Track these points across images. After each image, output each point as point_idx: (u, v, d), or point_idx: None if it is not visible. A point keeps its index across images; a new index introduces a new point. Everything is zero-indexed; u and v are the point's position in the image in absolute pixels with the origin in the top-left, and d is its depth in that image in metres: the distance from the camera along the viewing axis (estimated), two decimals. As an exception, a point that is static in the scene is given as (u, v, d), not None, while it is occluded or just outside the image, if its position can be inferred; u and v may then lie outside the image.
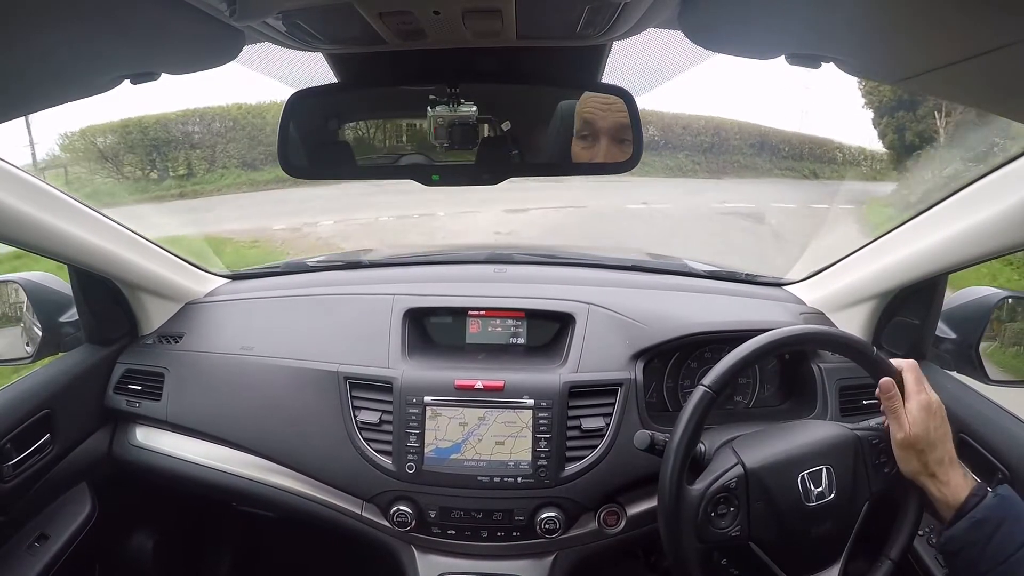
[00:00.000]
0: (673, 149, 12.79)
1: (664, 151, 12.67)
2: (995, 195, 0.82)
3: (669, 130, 12.88)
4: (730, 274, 1.35)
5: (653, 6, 0.54)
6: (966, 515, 0.71)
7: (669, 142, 12.83)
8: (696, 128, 13.33)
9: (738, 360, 0.81)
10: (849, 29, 0.49)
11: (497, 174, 0.82)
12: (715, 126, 13.50)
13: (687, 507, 0.78)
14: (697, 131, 13.30)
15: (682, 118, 13.13)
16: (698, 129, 13.35)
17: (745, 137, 13.81)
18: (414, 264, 1.42)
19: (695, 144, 13.15)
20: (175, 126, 11.02)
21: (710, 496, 0.78)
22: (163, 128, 10.80)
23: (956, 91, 0.56)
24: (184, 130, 11.08)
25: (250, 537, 1.55)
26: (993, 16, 0.38)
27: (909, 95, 9.74)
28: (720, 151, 13.22)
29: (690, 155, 13.00)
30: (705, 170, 12.90)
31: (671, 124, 12.96)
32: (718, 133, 13.46)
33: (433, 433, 1.00)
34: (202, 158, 10.88)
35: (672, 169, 12.47)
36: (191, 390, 1.14)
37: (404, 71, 0.78)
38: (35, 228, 0.89)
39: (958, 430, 0.94)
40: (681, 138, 13.02)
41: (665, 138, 12.81)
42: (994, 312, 1.02)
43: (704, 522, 0.78)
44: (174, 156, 10.84)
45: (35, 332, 1.11)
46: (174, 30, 0.50)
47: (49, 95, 0.59)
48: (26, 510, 1.03)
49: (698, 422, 0.80)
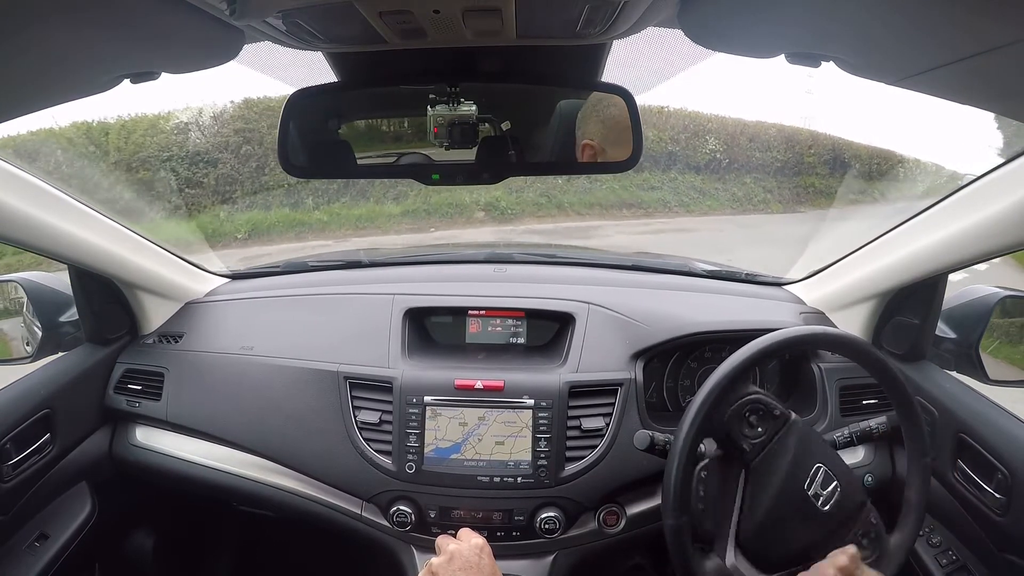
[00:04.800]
0: (739, 170, 9.73)
1: (728, 174, 9.70)
2: (995, 194, 0.82)
3: (734, 143, 9.85)
4: (730, 273, 1.35)
5: (653, 5, 0.54)
6: None
7: (734, 160, 9.73)
8: (765, 140, 10.24)
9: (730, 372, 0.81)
10: (849, 28, 0.49)
11: (497, 173, 0.82)
12: (786, 137, 10.51)
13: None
14: (767, 144, 10.23)
15: (747, 127, 10.15)
16: (767, 141, 10.26)
17: (820, 151, 10.76)
18: (414, 264, 1.41)
19: (764, 163, 10.08)
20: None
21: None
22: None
23: (956, 90, 0.56)
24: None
25: (250, 537, 1.55)
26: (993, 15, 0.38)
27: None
28: (792, 171, 10.35)
29: (759, 179, 9.94)
30: (778, 199, 9.92)
31: (735, 134, 9.92)
32: (791, 146, 10.49)
33: (433, 433, 1.00)
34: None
35: (740, 201, 9.53)
36: (191, 390, 1.13)
37: (404, 70, 0.78)
38: (35, 228, 0.89)
39: (958, 430, 0.94)
40: (748, 154, 9.94)
41: (730, 155, 9.73)
42: (994, 311, 1.02)
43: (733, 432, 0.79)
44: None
45: (35, 332, 1.11)
46: (174, 29, 0.50)
47: (49, 95, 0.59)
48: (26, 510, 1.03)
49: (691, 447, 0.79)
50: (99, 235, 1.02)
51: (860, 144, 11.15)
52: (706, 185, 9.50)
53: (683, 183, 9.42)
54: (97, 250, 1.02)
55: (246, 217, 6.91)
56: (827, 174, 10.52)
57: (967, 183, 0.87)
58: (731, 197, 9.55)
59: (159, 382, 1.14)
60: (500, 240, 6.69)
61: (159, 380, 1.15)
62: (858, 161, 10.89)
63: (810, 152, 10.49)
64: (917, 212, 0.98)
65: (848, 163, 10.83)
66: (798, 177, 10.24)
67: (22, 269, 1.19)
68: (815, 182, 10.33)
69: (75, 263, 1.03)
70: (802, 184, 10.26)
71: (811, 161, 10.45)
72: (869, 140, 11.18)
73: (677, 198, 9.17)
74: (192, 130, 7.51)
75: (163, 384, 1.14)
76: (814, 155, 10.54)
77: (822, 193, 10.34)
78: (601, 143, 0.80)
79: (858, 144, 11.13)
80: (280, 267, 1.40)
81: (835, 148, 10.82)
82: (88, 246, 1.00)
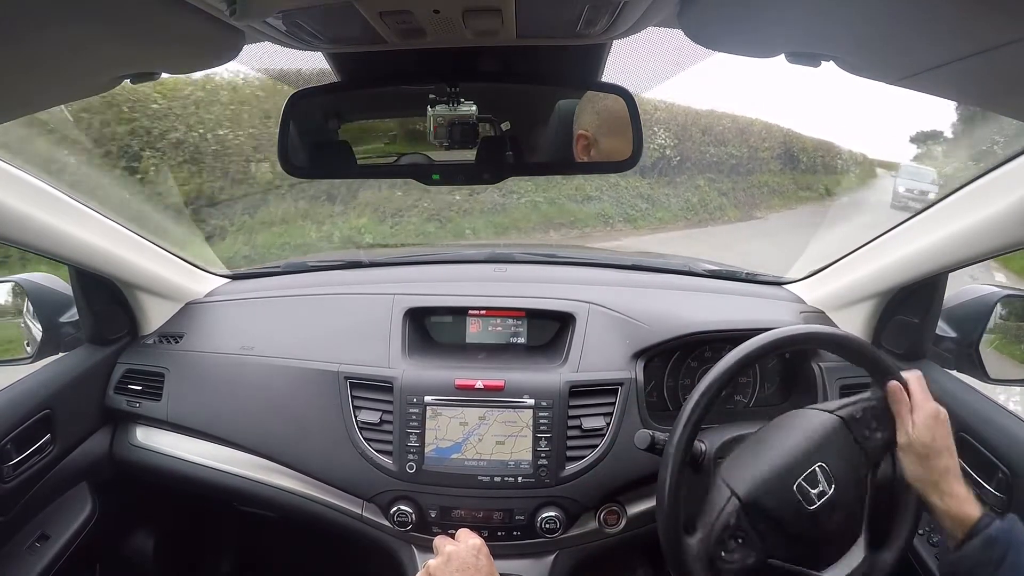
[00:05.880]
0: (691, 170, 8.51)
1: (680, 175, 8.36)
2: (994, 193, 0.82)
3: (686, 136, 8.57)
4: (730, 273, 1.35)
5: (653, 5, 0.54)
6: (979, 534, 0.70)
7: (687, 158, 8.51)
8: (719, 132, 9.06)
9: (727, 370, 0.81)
10: (849, 28, 0.49)
11: (497, 173, 0.82)
12: (740, 129, 9.46)
13: (693, 560, 0.77)
14: (721, 137, 9.07)
15: (700, 117, 8.91)
16: (721, 134, 9.09)
17: (773, 145, 9.89)
18: (414, 264, 1.41)
19: (719, 160, 8.89)
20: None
21: (715, 538, 0.77)
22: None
23: (956, 90, 0.56)
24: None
25: (250, 537, 1.55)
26: (993, 14, 0.38)
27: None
28: (747, 169, 9.23)
29: (713, 180, 8.65)
30: (734, 203, 8.76)
31: (686, 125, 8.65)
32: (745, 139, 9.44)
33: (433, 433, 1.00)
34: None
35: (695, 208, 8.17)
36: (191, 390, 1.14)
37: (404, 70, 0.78)
38: (35, 228, 0.89)
39: (958, 429, 0.94)
40: (701, 149, 8.76)
41: (681, 151, 8.47)
42: (994, 310, 1.02)
43: (716, 562, 0.76)
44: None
45: (35, 332, 1.11)
46: (174, 30, 0.50)
47: (49, 95, 0.59)
48: (26, 510, 1.03)
49: (686, 449, 0.79)
50: (99, 235, 1.02)
51: (807, 136, 10.69)
52: (655, 191, 7.89)
53: (627, 190, 7.63)
54: (97, 250, 1.02)
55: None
56: (779, 170, 9.91)
57: (967, 182, 0.87)
58: (684, 205, 8.15)
59: (159, 382, 1.14)
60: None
61: (159, 380, 1.15)
62: (805, 154, 10.47)
63: (764, 146, 9.82)
64: (917, 212, 0.99)
65: (797, 157, 10.28)
66: (752, 176, 9.44)
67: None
68: (768, 180, 9.72)
69: (75, 263, 1.03)
70: (756, 183, 9.51)
71: (765, 156, 9.76)
72: (813, 130, 10.81)
73: (620, 210, 7.41)
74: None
75: (163, 384, 1.14)
76: (768, 148, 9.86)
77: (776, 192, 9.70)
78: (595, 133, 0.80)
79: (806, 137, 10.66)
80: (280, 267, 1.40)
81: (786, 140, 10.26)
82: (88, 246, 1.00)
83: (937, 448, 0.75)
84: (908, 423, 0.77)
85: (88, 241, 1.00)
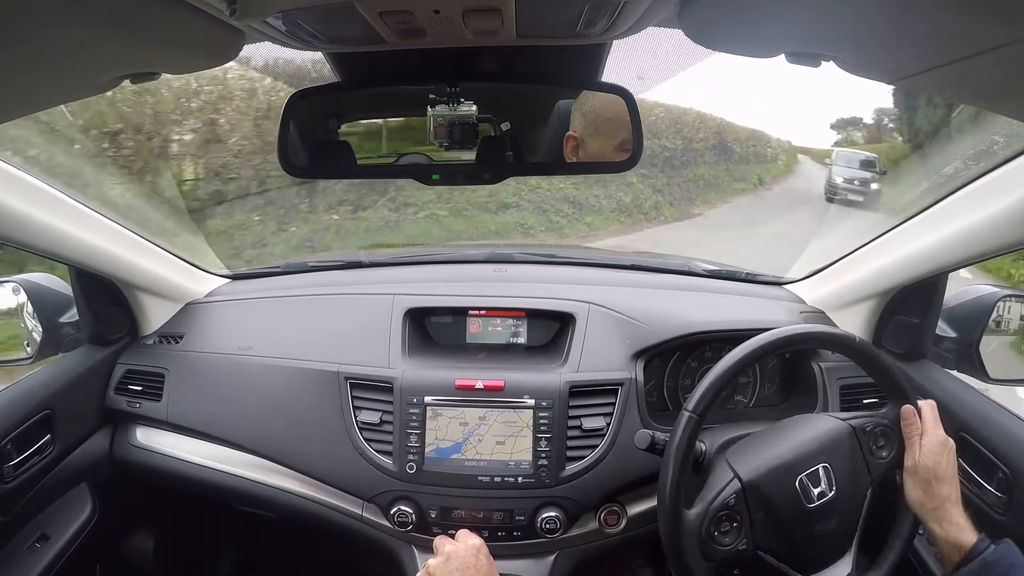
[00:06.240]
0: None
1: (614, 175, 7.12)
2: (994, 193, 0.82)
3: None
4: (730, 273, 1.35)
5: (653, 5, 0.54)
6: (975, 558, 0.72)
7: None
8: (651, 124, 8.41)
9: (730, 367, 0.81)
10: (849, 28, 0.49)
11: (497, 173, 0.82)
12: (674, 119, 8.92)
13: (689, 532, 0.77)
14: (654, 128, 8.49)
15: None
16: (655, 125, 8.50)
17: (708, 135, 9.46)
18: (414, 264, 1.41)
19: (653, 153, 8.15)
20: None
21: (711, 516, 0.77)
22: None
23: (957, 90, 0.56)
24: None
25: (250, 537, 1.55)
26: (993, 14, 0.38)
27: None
28: (681, 162, 8.61)
29: (646, 176, 7.77)
30: (669, 200, 8.02)
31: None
32: (679, 130, 8.91)
33: (434, 433, 1.00)
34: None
35: (628, 210, 7.32)
36: (191, 390, 1.13)
37: (404, 70, 0.78)
38: (35, 228, 0.89)
39: (958, 429, 0.94)
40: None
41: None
42: (994, 310, 1.02)
43: (708, 541, 0.77)
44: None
45: (35, 333, 1.11)
46: (174, 30, 0.50)
47: (49, 95, 0.59)
48: (27, 510, 1.03)
49: (687, 450, 0.79)
50: (99, 235, 1.02)
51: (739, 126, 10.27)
52: (582, 193, 6.97)
53: (550, 193, 6.61)
54: (97, 251, 1.02)
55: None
56: (714, 162, 9.40)
57: (966, 182, 0.87)
58: (616, 206, 7.21)
59: (159, 383, 1.14)
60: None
61: (159, 381, 1.14)
62: (739, 144, 10.08)
63: (699, 137, 9.30)
64: (917, 211, 0.99)
65: (731, 147, 9.76)
66: (687, 169, 8.80)
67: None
68: (704, 172, 9.16)
69: (75, 264, 1.03)
70: (692, 177, 8.87)
71: (699, 147, 9.22)
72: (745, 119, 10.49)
73: (543, 218, 6.39)
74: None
75: (163, 385, 1.14)
76: (702, 140, 9.33)
77: (712, 186, 9.12)
78: (581, 134, 0.81)
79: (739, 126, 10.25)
80: (280, 267, 1.40)
81: (720, 130, 9.78)
82: (88, 247, 1.00)
83: (941, 476, 0.77)
84: (916, 448, 0.79)
85: (88, 241, 1.00)
